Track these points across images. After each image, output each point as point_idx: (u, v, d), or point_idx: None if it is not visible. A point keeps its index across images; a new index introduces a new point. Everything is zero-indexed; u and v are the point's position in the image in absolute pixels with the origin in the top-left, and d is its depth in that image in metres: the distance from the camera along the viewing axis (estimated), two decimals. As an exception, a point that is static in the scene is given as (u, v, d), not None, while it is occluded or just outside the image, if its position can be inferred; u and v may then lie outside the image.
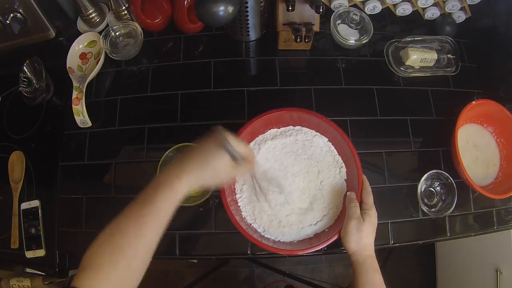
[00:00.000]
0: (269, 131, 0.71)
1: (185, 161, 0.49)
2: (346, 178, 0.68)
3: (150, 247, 0.45)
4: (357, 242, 0.58)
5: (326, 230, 0.64)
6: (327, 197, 0.66)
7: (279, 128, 0.71)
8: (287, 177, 0.67)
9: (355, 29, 0.83)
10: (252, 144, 0.70)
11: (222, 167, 0.50)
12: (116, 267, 0.41)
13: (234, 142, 0.51)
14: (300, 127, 0.70)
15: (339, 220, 0.64)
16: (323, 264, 1.57)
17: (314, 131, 0.70)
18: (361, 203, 0.63)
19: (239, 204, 0.66)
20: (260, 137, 0.70)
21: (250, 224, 0.65)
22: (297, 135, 0.70)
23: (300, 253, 0.61)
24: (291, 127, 0.71)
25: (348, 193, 0.65)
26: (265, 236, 0.64)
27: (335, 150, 0.69)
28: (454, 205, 0.70)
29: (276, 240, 0.63)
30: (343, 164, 0.68)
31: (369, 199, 0.63)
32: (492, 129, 0.79)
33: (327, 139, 0.69)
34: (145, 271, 0.44)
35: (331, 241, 0.61)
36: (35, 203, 0.72)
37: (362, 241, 0.58)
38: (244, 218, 0.65)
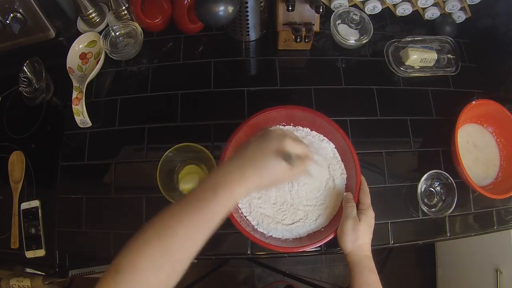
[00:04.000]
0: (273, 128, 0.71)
1: (245, 164, 0.47)
2: (345, 178, 0.68)
3: (196, 251, 0.42)
4: (353, 242, 0.58)
5: (322, 229, 0.64)
6: (324, 196, 0.66)
7: (284, 126, 0.71)
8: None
9: (355, 29, 0.83)
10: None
11: (280, 173, 0.48)
12: (160, 270, 0.39)
13: (293, 145, 0.49)
14: (309, 129, 0.70)
15: (336, 220, 0.64)
16: (323, 264, 1.57)
17: (322, 135, 0.69)
18: (358, 203, 0.63)
19: None
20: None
21: (245, 217, 0.65)
22: (305, 135, 0.70)
23: (295, 251, 0.61)
24: (300, 127, 0.70)
25: (345, 193, 0.65)
26: (258, 229, 0.64)
27: (337, 153, 0.69)
28: (454, 205, 0.70)
29: (268, 235, 0.63)
30: (343, 165, 0.68)
31: (367, 199, 0.63)
32: (492, 129, 0.79)
33: (334, 146, 0.69)
34: (182, 275, 0.41)
35: (326, 240, 0.61)
36: (35, 203, 0.72)
37: (358, 241, 0.58)
38: (239, 209, 0.65)
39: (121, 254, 0.39)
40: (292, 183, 0.66)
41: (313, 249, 0.63)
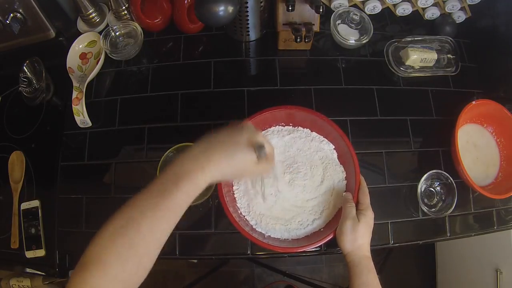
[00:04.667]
0: (273, 127, 0.71)
1: (211, 151, 0.46)
2: (344, 178, 0.68)
3: (162, 243, 0.42)
4: (352, 242, 0.58)
5: (321, 229, 0.64)
6: (324, 196, 0.66)
7: (284, 126, 0.71)
8: (288, 174, 0.67)
9: (355, 29, 0.83)
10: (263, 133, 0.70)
11: (248, 164, 0.48)
12: (126, 264, 0.38)
13: (264, 141, 0.49)
14: (309, 130, 0.70)
15: (335, 220, 0.64)
16: (323, 264, 1.57)
17: (322, 136, 0.70)
18: (357, 203, 0.63)
19: (235, 195, 0.66)
20: (270, 130, 0.71)
21: (244, 216, 0.65)
22: (305, 136, 0.70)
23: (294, 251, 0.61)
24: (300, 128, 0.71)
25: (344, 193, 0.65)
26: (257, 229, 0.64)
27: (336, 153, 0.69)
28: (454, 205, 0.70)
29: (267, 235, 0.63)
30: (343, 166, 0.68)
31: (366, 199, 0.62)
32: (492, 129, 0.79)
33: (334, 147, 0.69)
34: (151, 268, 0.41)
35: (325, 240, 0.61)
36: (35, 203, 0.72)
37: (357, 242, 0.58)
38: (238, 209, 0.65)
39: (88, 249, 0.39)
40: (293, 185, 0.66)
41: (313, 249, 0.63)
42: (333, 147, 0.69)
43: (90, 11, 0.82)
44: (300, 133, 0.70)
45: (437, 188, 0.74)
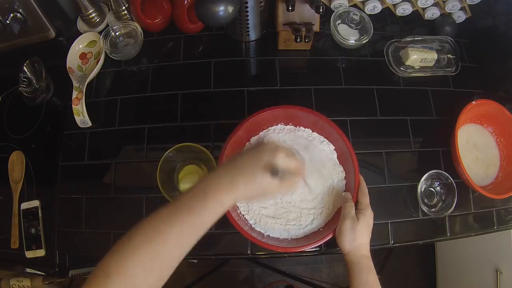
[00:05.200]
0: (274, 126, 0.71)
1: (236, 173, 0.46)
2: (344, 178, 0.68)
3: (183, 256, 0.43)
4: (351, 242, 0.58)
5: (321, 229, 0.64)
6: (323, 196, 0.66)
7: (285, 125, 0.71)
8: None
9: (355, 29, 0.83)
10: (263, 132, 0.70)
11: (267, 188, 0.48)
12: (149, 276, 0.39)
13: (284, 160, 0.48)
14: (310, 130, 0.70)
15: (334, 220, 0.64)
16: (323, 264, 1.57)
17: (322, 137, 0.70)
18: (357, 203, 0.63)
19: None
20: (271, 128, 0.71)
21: (243, 216, 0.65)
22: (306, 136, 0.70)
23: (293, 251, 0.61)
24: (302, 128, 0.71)
25: (343, 193, 0.65)
26: (256, 229, 0.64)
27: (335, 153, 0.69)
28: (454, 205, 0.70)
29: (266, 234, 0.63)
30: (342, 166, 0.68)
31: (365, 199, 0.62)
32: (492, 129, 0.79)
33: (334, 148, 0.69)
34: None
35: (325, 240, 0.61)
36: (35, 203, 0.72)
37: (357, 241, 0.58)
38: (237, 208, 0.65)
39: (110, 257, 0.39)
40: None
41: (313, 249, 0.63)
42: (333, 147, 0.69)
43: (90, 11, 0.82)
44: (302, 132, 0.70)
45: (437, 188, 0.74)
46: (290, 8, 0.69)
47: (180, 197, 0.44)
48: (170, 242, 0.41)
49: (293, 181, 0.51)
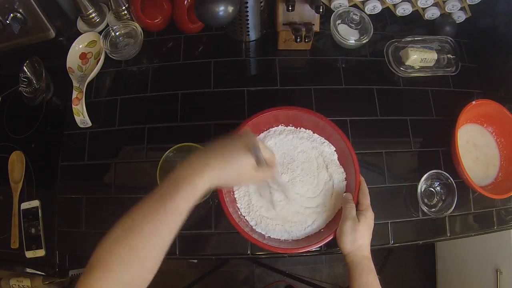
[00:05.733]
0: (275, 128, 0.71)
1: (209, 156, 0.47)
2: (344, 179, 0.68)
3: (165, 247, 0.42)
4: (352, 242, 0.58)
5: (322, 230, 0.64)
6: (324, 197, 0.66)
7: (285, 126, 0.71)
8: (288, 174, 0.67)
9: (355, 29, 0.83)
10: (263, 134, 0.70)
11: (246, 169, 0.49)
12: (128, 268, 0.40)
13: (261, 147, 0.50)
14: (311, 132, 0.70)
15: (335, 221, 0.64)
16: (323, 264, 1.57)
17: (323, 138, 0.70)
18: (357, 204, 0.63)
19: (235, 195, 0.66)
20: (272, 130, 0.70)
21: (244, 217, 0.65)
22: (307, 137, 0.70)
23: (294, 252, 0.61)
24: (302, 129, 0.71)
25: (344, 194, 0.65)
26: (257, 230, 0.64)
27: (336, 154, 0.69)
28: (454, 205, 0.70)
29: (267, 235, 0.63)
30: (342, 167, 0.68)
31: (366, 200, 0.62)
32: (492, 129, 0.79)
33: (334, 149, 0.69)
34: (156, 271, 0.42)
35: (326, 241, 0.60)
36: (35, 203, 0.72)
37: (357, 242, 0.58)
38: (238, 210, 0.65)
39: (94, 252, 0.40)
40: (293, 184, 0.66)
41: (313, 249, 0.63)
42: (334, 149, 0.69)
43: (90, 11, 0.82)
44: (303, 133, 0.70)
45: (437, 188, 0.74)
46: (290, 8, 0.69)
47: (157, 187, 0.45)
48: (144, 231, 0.41)
49: (270, 170, 0.52)
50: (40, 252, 0.70)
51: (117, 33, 0.82)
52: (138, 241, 0.40)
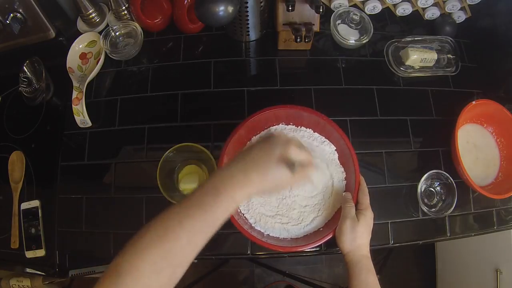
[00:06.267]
0: (275, 126, 0.70)
1: (251, 168, 0.46)
2: (344, 178, 0.68)
3: (196, 254, 0.41)
4: (351, 242, 0.58)
5: (321, 229, 0.64)
6: (323, 196, 0.66)
7: (286, 125, 0.71)
8: None
9: (355, 29, 0.83)
10: (264, 132, 0.70)
11: (283, 181, 0.48)
12: (161, 274, 0.38)
13: (296, 152, 0.49)
14: (311, 130, 0.70)
15: (334, 220, 0.64)
16: (323, 264, 1.57)
17: (323, 137, 0.70)
18: (357, 203, 0.63)
19: None
20: (273, 128, 0.70)
21: (243, 214, 0.65)
22: (308, 136, 0.70)
23: (293, 250, 0.61)
24: (303, 128, 0.70)
25: (344, 193, 0.65)
26: (256, 228, 0.64)
27: (336, 153, 0.69)
28: (454, 205, 0.70)
29: (266, 233, 0.63)
30: (342, 166, 0.68)
31: (365, 199, 0.62)
32: (492, 129, 0.79)
33: (335, 148, 0.69)
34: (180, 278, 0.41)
35: (325, 240, 0.61)
36: (35, 203, 0.72)
37: (357, 241, 0.58)
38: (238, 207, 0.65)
39: (121, 256, 0.39)
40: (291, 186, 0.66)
41: (313, 249, 0.63)
42: (334, 148, 0.69)
43: (90, 11, 0.82)
44: (303, 132, 0.70)
45: (437, 188, 0.74)
46: (290, 8, 0.69)
47: (192, 194, 0.44)
48: (181, 240, 0.40)
49: (305, 172, 0.51)
50: (40, 252, 0.70)
51: (117, 33, 0.82)
52: (174, 249, 0.39)
